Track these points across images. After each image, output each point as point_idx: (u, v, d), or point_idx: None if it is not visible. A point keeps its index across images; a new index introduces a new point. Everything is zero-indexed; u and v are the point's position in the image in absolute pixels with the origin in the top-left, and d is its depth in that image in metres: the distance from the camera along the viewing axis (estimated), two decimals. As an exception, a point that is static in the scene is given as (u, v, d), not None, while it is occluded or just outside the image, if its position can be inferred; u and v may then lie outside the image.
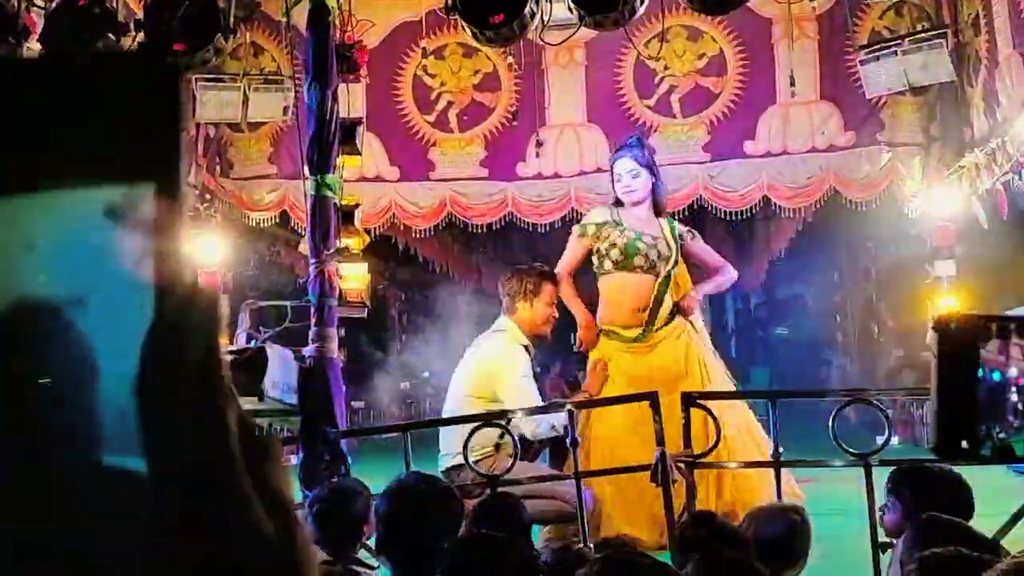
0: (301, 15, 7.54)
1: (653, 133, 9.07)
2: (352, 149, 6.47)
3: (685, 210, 8.96)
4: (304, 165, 5.97)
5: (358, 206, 6.89)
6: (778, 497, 3.85)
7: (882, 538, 3.38)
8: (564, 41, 7.50)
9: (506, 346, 4.96)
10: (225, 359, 0.34)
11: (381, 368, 15.20)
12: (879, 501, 3.32)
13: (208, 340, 0.34)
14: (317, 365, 5.91)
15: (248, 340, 9.37)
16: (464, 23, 6.44)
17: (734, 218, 9.38)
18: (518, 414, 4.61)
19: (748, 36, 9.13)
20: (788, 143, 9.14)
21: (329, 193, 5.70)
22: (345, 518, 3.15)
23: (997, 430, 0.92)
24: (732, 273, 5.65)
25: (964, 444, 0.92)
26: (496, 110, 9.47)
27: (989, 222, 8.00)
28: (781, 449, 3.97)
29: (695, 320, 5.45)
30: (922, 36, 8.33)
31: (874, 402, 3.98)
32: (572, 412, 4.18)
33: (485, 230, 9.71)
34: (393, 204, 9.43)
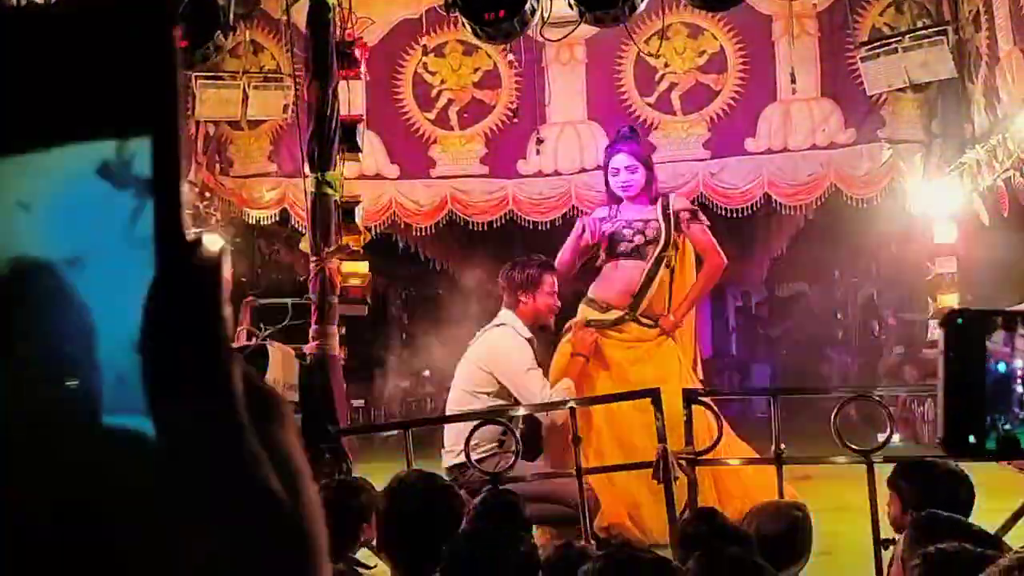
0: (301, 13, 7.55)
1: (653, 130, 9.06)
2: (353, 147, 6.48)
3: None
4: (304, 163, 5.96)
5: (359, 203, 6.88)
6: (779, 495, 3.84)
7: (884, 535, 3.37)
8: (564, 38, 7.50)
9: (508, 340, 4.94)
10: (228, 317, 0.34)
11: (381, 366, 15.20)
12: (881, 498, 3.31)
13: (211, 298, 0.33)
14: (318, 363, 5.91)
15: (248, 338, 9.36)
16: (464, 19, 6.44)
17: (735, 215, 9.36)
18: (537, 397, 4.67)
19: (748, 33, 9.11)
20: (789, 140, 9.12)
21: (330, 190, 5.70)
22: (345, 516, 3.14)
23: (1002, 421, 0.92)
24: (717, 262, 5.38)
25: (972, 439, 0.91)
26: (496, 108, 9.46)
27: (990, 219, 7.99)
28: (783, 446, 3.96)
29: (681, 339, 5.39)
30: (923, 33, 8.32)
31: (876, 398, 3.96)
32: (573, 410, 4.16)
33: (486, 228, 9.70)
34: (393, 202, 9.42)
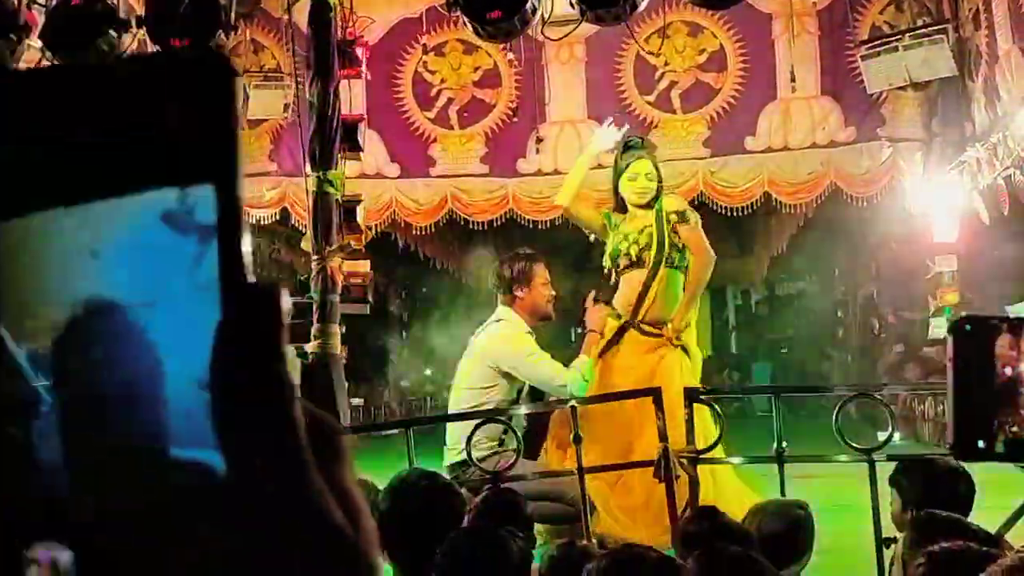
0: (301, 12, 7.56)
1: (653, 129, 9.06)
2: (354, 146, 6.48)
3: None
4: (305, 162, 5.97)
5: (360, 202, 6.89)
6: (782, 492, 3.84)
7: (885, 534, 3.37)
8: (564, 37, 7.50)
9: (509, 331, 4.94)
10: (290, 354, 0.35)
11: (381, 365, 15.21)
12: (883, 497, 3.32)
13: (274, 337, 0.34)
14: (319, 361, 5.91)
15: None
16: (466, 18, 6.44)
17: (735, 214, 9.37)
18: (555, 379, 4.75)
19: (748, 31, 9.12)
20: (789, 139, 9.13)
21: (331, 189, 5.70)
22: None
23: (1010, 424, 0.92)
24: (703, 259, 5.22)
25: (981, 444, 0.92)
26: (496, 106, 9.47)
27: (990, 217, 8.00)
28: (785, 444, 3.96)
29: (688, 346, 5.33)
30: (923, 31, 8.33)
31: (878, 397, 3.97)
32: (575, 408, 4.16)
33: (486, 227, 9.71)
34: (393, 201, 9.43)
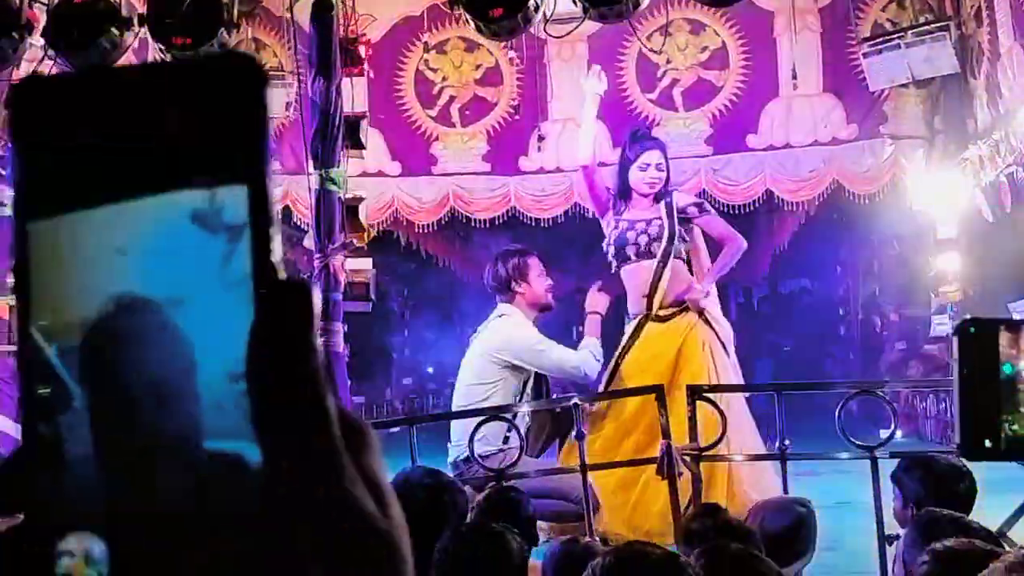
0: (303, 10, 7.56)
1: (655, 126, 9.05)
2: (356, 144, 6.49)
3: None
4: (308, 160, 5.97)
5: (363, 200, 6.90)
6: (784, 490, 3.84)
7: (888, 531, 3.37)
8: (567, 35, 7.49)
9: (511, 324, 4.95)
10: (319, 348, 0.36)
11: (384, 363, 15.21)
12: (886, 494, 3.32)
13: (306, 332, 0.35)
14: (322, 359, 5.91)
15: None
16: (468, 16, 6.44)
17: (737, 211, 9.36)
18: (565, 363, 4.80)
19: (750, 29, 9.12)
20: (791, 136, 9.13)
21: (334, 187, 5.71)
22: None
23: (1011, 422, 0.93)
24: (738, 244, 5.32)
25: (988, 444, 0.93)
26: (498, 104, 9.47)
27: (992, 214, 8.00)
28: (788, 442, 3.96)
29: (711, 311, 5.31)
30: (925, 28, 8.31)
31: (880, 394, 3.97)
32: (578, 406, 4.17)
33: (488, 225, 9.71)
34: (395, 199, 9.43)
